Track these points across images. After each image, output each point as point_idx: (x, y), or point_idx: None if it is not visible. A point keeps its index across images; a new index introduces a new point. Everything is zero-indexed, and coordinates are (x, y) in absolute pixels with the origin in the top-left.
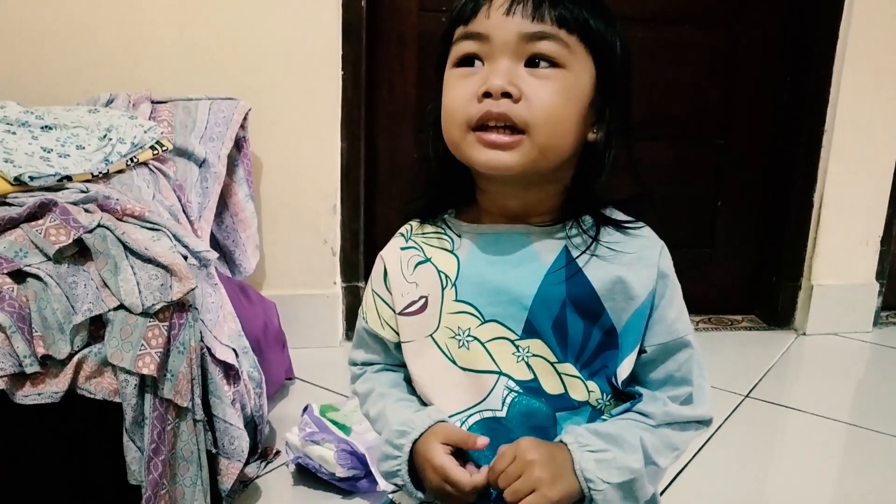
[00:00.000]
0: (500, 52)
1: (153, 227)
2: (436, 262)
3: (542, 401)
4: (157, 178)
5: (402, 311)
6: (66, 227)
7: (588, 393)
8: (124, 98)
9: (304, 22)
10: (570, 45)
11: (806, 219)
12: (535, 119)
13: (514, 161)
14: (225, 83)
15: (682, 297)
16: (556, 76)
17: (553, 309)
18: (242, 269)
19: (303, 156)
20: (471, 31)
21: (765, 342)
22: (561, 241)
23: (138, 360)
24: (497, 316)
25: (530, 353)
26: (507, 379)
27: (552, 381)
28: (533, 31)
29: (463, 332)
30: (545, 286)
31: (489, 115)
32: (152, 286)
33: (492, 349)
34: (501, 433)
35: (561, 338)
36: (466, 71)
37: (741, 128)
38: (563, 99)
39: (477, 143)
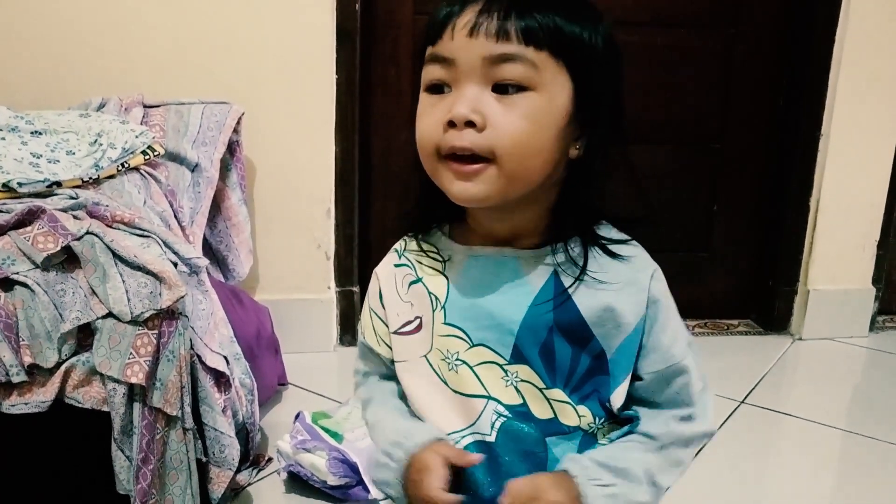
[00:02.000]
0: (465, 76)
1: (143, 233)
2: (426, 282)
3: (531, 426)
4: (148, 184)
5: (396, 331)
6: (55, 235)
7: (579, 418)
8: (116, 102)
9: (299, 26)
10: (539, 64)
11: (802, 223)
12: (501, 148)
13: (482, 191)
14: (218, 87)
15: (677, 318)
16: (523, 100)
17: (540, 335)
18: (236, 274)
19: (297, 160)
20: (437, 54)
21: (761, 347)
22: (550, 266)
23: (127, 368)
24: (485, 340)
25: (518, 378)
26: (496, 403)
27: (541, 406)
28: (497, 53)
29: (452, 355)
30: (532, 313)
31: (453, 148)
32: (141, 294)
33: (480, 373)
34: (491, 457)
35: (548, 364)
36: (435, 98)
37: (737, 132)
38: (531, 124)
39: (448, 173)
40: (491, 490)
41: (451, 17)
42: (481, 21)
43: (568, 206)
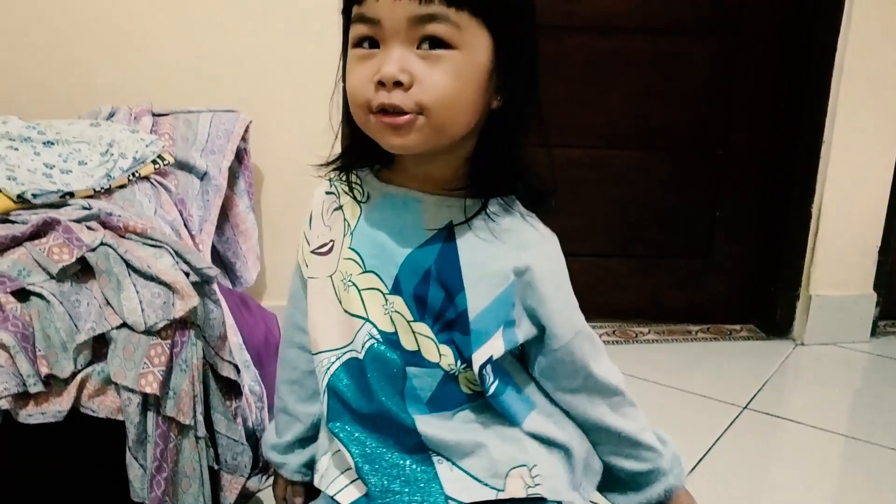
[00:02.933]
0: (391, 36)
1: (155, 244)
2: (345, 210)
3: (397, 353)
4: (158, 193)
5: (313, 250)
6: (69, 246)
7: (440, 356)
8: (126, 111)
9: (306, 35)
10: (461, 24)
11: (804, 229)
12: (428, 103)
13: (413, 141)
14: (226, 95)
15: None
16: (447, 57)
17: (417, 275)
18: (243, 281)
19: (305, 168)
20: (363, 14)
21: (763, 352)
22: (448, 217)
23: (141, 378)
24: (375, 268)
25: (393, 308)
26: (371, 326)
27: (408, 337)
28: (421, 13)
29: (347, 276)
30: (416, 253)
31: (382, 105)
32: (155, 304)
33: (365, 297)
34: (361, 376)
35: (419, 301)
36: (363, 53)
37: (740, 139)
38: (455, 79)
39: (377, 126)
40: (359, 402)
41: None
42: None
43: (484, 154)
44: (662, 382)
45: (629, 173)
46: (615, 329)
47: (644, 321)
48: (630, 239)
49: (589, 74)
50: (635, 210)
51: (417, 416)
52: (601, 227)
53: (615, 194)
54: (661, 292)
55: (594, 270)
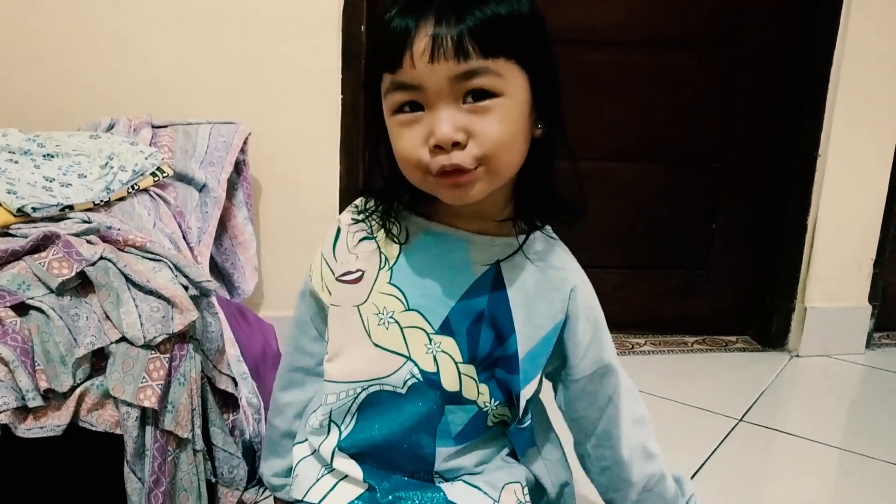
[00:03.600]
0: (435, 98)
1: (154, 257)
2: (380, 242)
3: (437, 393)
4: (157, 205)
5: (339, 277)
6: (69, 260)
7: (478, 395)
8: (125, 123)
9: (304, 47)
10: (502, 71)
11: (800, 242)
12: (488, 152)
13: (477, 193)
14: (225, 107)
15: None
16: (495, 106)
17: (470, 316)
18: (241, 292)
19: (302, 178)
20: (402, 82)
21: (758, 364)
22: (495, 256)
23: (140, 392)
24: (420, 307)
25: (440, 348)
26: (413, 365)
27: (451, 378)
28: (462, 71)
29: (387, 312)
30: (469, 295)
31: (444, 168)
32: (154, 318)
33: (408, 335)
34: (395, 406)
35: (472, 342)
36: (407, 118)
37: (736, 152)
38: (507, 124)
39: (437, 186)
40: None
41: (405, 42)
42: (437, 43)
43: (531, 181)
44: (658, 394)
45: (627, 185)
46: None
47: (641, 332)
48: (627, 250)
49: (588, 88)
50: (632, 222)
51: (441, 448)
52: (599, 239)
53: (612, 206)
54: (657, 304)
55: (591, 281)
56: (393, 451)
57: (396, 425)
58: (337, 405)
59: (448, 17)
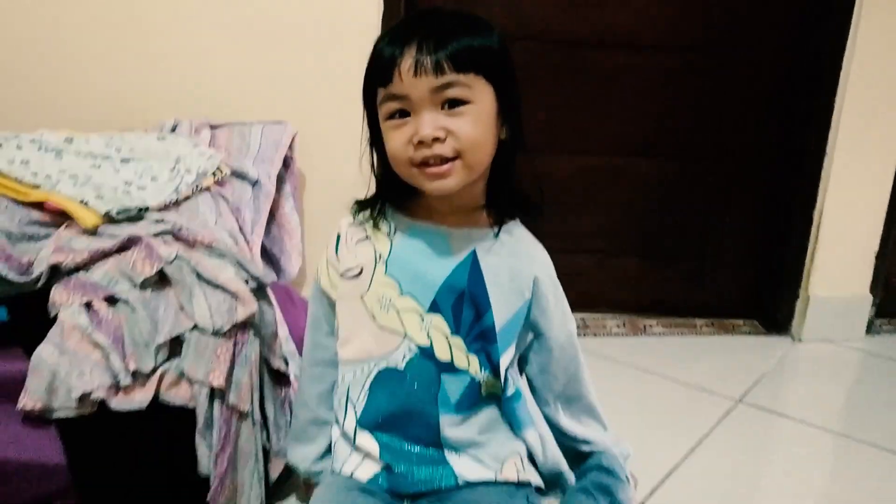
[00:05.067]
0: (419, 105)
1: (220, 253)
2: (374, 241)
3: (432, 363)
4: (218, 202)
5: (342, 274)
6: (150, 260)
7: (468, 364)
8: (187, 125)
9: (347, 53)
10: (471, 83)
11: (806, 234)
12: (463, 148)
13: (454, 183)
14: (275, 108)
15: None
16: (468, 110)
17: (454, 295)
18: (286, 274)
19: (342, 173)
20: (391, 94)
21: (762, 347)
22: (471, 245)
23: (210, 373)
24: (412, 291)
25: (432, 324)
26: (409, 342)
27: (443, 349)
28: (439, 84)
29: (386, 299)
30: (451, 277)
31: (426, 158)
32: (221, 310)
33: (404, 317)
34: (398, 381)
35: (456, 317)
36: (397, 122)
37: (748, 148)
38: (477, 126)
39: (422, 176)
40: (391, 404)
41: (394, 62)
42: (420, 62)
43: (500, 177)
44: (662, 373)
45: (643, 179)
46: (624, 321)
47: (652, 315)
48: (643, 239)
49: (607, 88)
50: (648, 212)
51: (444, 416)
52: (616, 228)
53: (630, 198)
54: (670, 289)
55: (608, 268)
56: (402, 420)
57: (402, 396)
58: (353, 383)
59: (428, 44)
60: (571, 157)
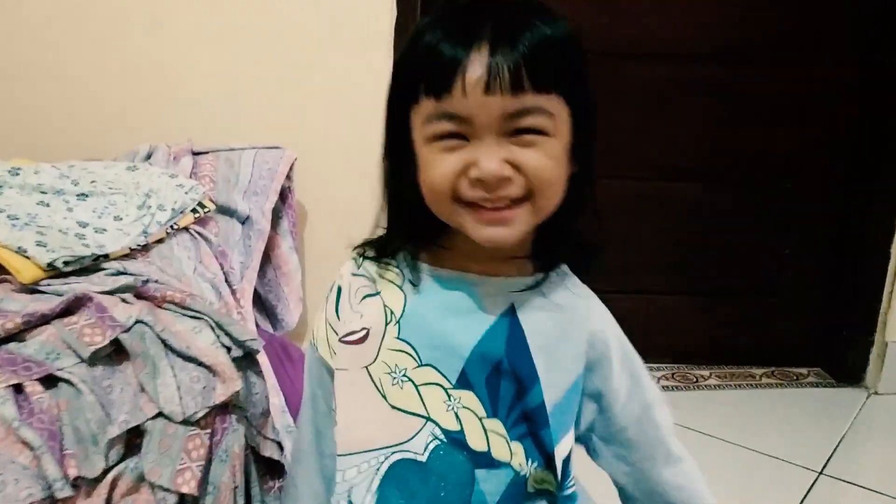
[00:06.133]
0: (483, 132)
1: (195, 315)
2: (384, 296)
3: (464, 455)
4: (198, 245)
5: (341, 338)
6: (102, 327)
7: (511, 455)
8: (164, 151)
9: (354, 65)
10: (554, 110)
11: (882, 270)
12: (533, 187)
13: (516, 231)
14: (269, 130)
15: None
16: (543, 143)
17: (489, 364)
18: (284, 324)
19: (350, 204)
20: (448, 112)
21: (834, 402)
22: (509, 298)
23: (178, 476)
24: (434, 361)
25: (461, 404)
26: (433, 426)
27: (478, 436)
28: (516, 109)
29: (399, 370)
30: (485, 341)
31: (486, 199)
32: (194, 390)
33: (424, 393)
34: (419, 478)
35: (492, 393)
36: (447, 145)
37: (811, 171)
38: (553, 162)
39: (471, 218)
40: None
41: (457, 69)
42: (494, 74)
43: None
44: (725, 437)
45: (690, 207)
46: (674, 372)
47: (704, 363)
48: (691, 276)
49: (649, 104)
50: (696, 245)
51: None
52: (660, 263)
53: (674, 228)
54: (723, 333)
55: (651, 308)
56: None
57: (424, 498)
58: (357, 480)
59: (503, 44)
60: (609, 182)
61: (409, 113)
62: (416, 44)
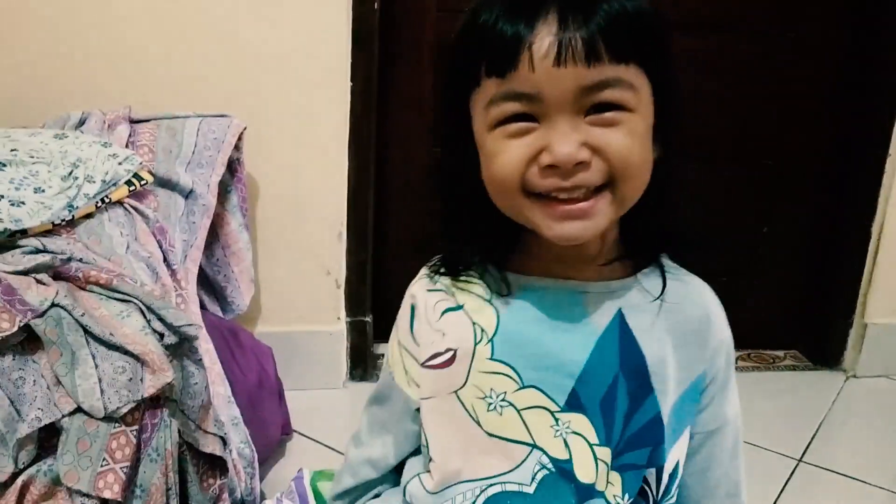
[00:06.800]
0: (555, 109)
1: (123, 297)
2: (469, 310)
3: (571, 487)
4: (133, 221)
5: (424, 363)
6: (11, 312)
7: (607, 485)
8: (98, 118)
9: (309, 28)
10: (634, 82)
11: (862, 250)
12: (616, 171)
13: (596, 226)
14: (217, 97)
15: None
16: (625, 119)
17: (604, 382)
18: (235, 307)
19: (305, 178)
20: (514, 91)
21: (812, 385)
22: (616, 304)
23: (99, 479)
24: (538, 382)
25: (570, 429)
26: (541, 453)
27: (586, 465)
28: (593, 81)
29: (497, 395)
30: (596, 355)
31: (561, 189)
32: (118, 383)
33: (527, 418)
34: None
35: (607, 416)
36: (513, 129)
37: (792, 148)
38: (636, 142)
39: (544, 213)
40: None
41: (521, 42)
42: (565, 43)
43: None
44: None
45: None
46: None
47: None
48: None
49: None
50: None
51: None
52: None
53: None
54: None
55: None
56: None
57: None
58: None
59: (574, 14)
60: None
61: (468, 100)
62: (472, 22)
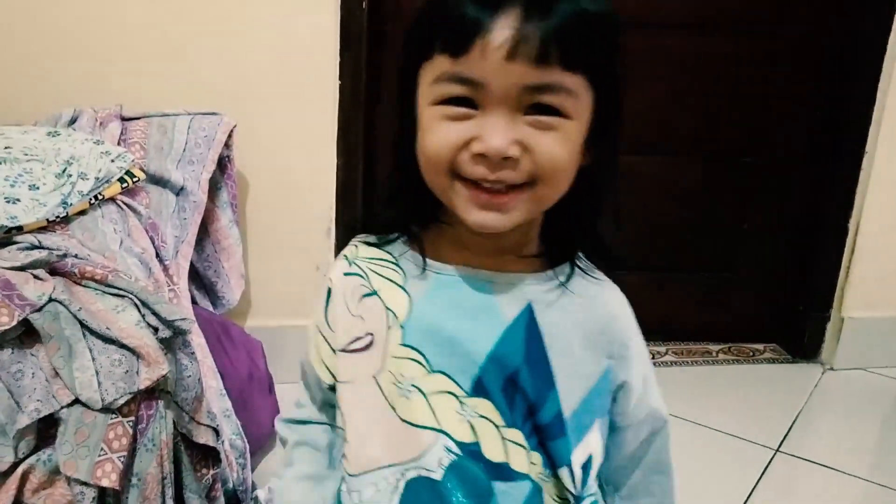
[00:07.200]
0: (496, 102)
1: (118, 292)
2: (383, 296)
3: (480, 467)
4: (126, 217)
5: (343, 348)
6: (9, 306)
7: (530, 465)
8: (90, 116)
9: (298, 26)
10: (577, 90)
11: (839, 246)
12: (540, 173)
13: (511, 220)
14: (207, 95)
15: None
16: (560, 125)
17: (507, 370)
18: (225, 302)
19: (294, 174)
20: (461, 75)
21: (790, 378)
22: (526, 296)
23: (97, 468)
24: (445, 368)
25: (476, 413)
26: (446, 438)
27: (494, 446)
28: (538, 83)
29: (405, 380)
30: (502, 345)
31: (485, 178)
32: (115, 375)
33: (434, 403)
34: (435, 498)
35: (510, 400)
36: (453, 112)
37: (772, 146)
38: (566, 148)
39: (465, 197)
40: None
41: (479, 29)
42: (520, 40)
43: (566, 218)
44: (685, 416)
45: (649, 181)
46: None
47: (661, 340)
48: (648, 251)
49: None
50: (654, 220)
51: None
52: (615, 237)
53: (633, 203)
54: (680, 309)
55: None
56: None
57: None
58: (376, 500)
59: (536, 11)
60: None
61: (418, 70)
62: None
